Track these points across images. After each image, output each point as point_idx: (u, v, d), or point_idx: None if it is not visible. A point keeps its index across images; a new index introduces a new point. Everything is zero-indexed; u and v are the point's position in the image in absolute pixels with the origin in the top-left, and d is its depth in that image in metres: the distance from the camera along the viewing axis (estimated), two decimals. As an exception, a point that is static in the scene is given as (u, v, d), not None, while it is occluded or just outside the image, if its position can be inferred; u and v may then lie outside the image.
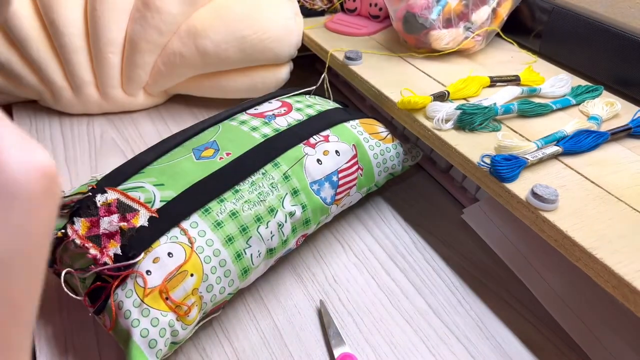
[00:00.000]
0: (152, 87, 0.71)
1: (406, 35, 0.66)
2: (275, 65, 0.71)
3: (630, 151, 0.49)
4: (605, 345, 0.43)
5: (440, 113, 0.51)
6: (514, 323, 0.47)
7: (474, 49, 0.67)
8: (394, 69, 0.63)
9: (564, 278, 0.47)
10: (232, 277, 0.41)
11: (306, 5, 0.82)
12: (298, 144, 0.48)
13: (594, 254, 0.37)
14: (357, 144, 0.52)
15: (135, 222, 0.39)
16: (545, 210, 0.40)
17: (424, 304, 0.48)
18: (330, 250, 0.53)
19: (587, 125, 0.51)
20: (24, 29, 0.62)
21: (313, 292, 0.48)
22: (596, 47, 0.62)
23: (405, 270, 0.51)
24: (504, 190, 0.43)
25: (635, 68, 0.59)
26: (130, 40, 0.65)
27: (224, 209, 0.42)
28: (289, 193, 0.46)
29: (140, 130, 0.70)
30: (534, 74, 0.62)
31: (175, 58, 0.67)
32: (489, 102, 0.53)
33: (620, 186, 0.44)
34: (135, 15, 0.64)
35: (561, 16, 0.66)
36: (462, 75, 0.60)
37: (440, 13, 0.62)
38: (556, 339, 0.45)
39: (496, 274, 0.52)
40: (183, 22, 0.66)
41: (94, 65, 0.67)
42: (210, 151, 0.46)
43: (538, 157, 0.45)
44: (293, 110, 0.53)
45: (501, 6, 0.65)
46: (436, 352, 0.44)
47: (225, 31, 0.65)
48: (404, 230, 0.57)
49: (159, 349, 0.36)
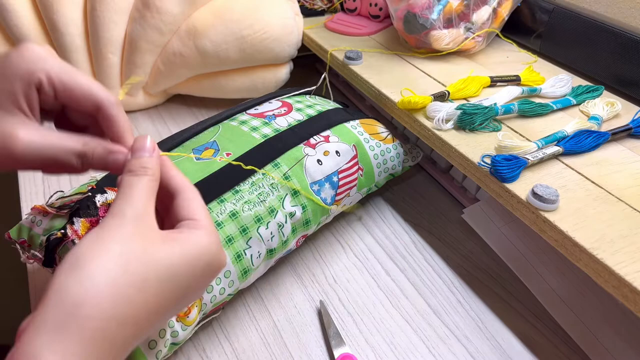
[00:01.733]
0: (152, 87, 0.71)
1: (406, 35, 0.66)
2: (275, 65, 0.71)
3: (630, 151, 0.49)
4: (605, 345, 0.43)
5: (441, 113, 0.51)
6: (514, 323, 0.47)
7: (475, 49, 0.66)
8: (394, 69, 0.63)
9: (564, 278, 0.47)
10: (232, 278, 0.41)
11: (306, 5, 0.82)
12: (298, 144, 0.48)
13: (594, 254, 0.37)
14: (357, 145, 0.52)
15: (135, 223, 0.39)
16: (545, 210, 0.40)
17: (424, 304, 0.48)
18: (330, 250, 0.53)
19: (588, 126, 0.51)
20: (24, 29, 0.62)
21: (313, 292, 0.48)
22: (597, 47, 0.62)
23: (405, 270, 0.51)
24: (505, 190, 0.43)
25: (635, 68, 0.59)
26: (130, 40, 0.65)
27: (223, 209, 0.42)
28: (289, 193, 0.45)
29: (140, 130, 0.70)
30: (535, 74, 0.62)
31: (175, 58, 0.67)
32: (489, 102, 0.53)
33: (621, 186, 0.44)
34: (135, 15, 0.64)
35: (562, 16, 0.66)
36: (463, 75, 0.60)
37: (441, 13, 0.62)
38: (556, 339, 0.45)
39: (496, 274, 0.52)
40: (183, 22, 0.66)
41: (94, 65, 0.67)
42: (210, 151, 0.46)
43: (538, 157, 0.45)
44: (293, 110, 0.53)
45: (502, 6, 0.65)
46: (436, 352, 0.44)
47: (225, 31, 0.65)
48: (404, 230, 0.56)
49: (159, 350, 0.36)
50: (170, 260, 0.26)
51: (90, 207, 0.40)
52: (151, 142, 0.30)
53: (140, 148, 0.30)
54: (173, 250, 0.26)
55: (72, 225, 0.39)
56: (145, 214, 0.27)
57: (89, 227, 0.39)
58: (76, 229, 0.39)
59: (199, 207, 0.29)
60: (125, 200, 0.27)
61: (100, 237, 0.25)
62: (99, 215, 0.39)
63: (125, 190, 0.27)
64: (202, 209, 0.29)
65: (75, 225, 0.39)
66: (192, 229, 0.28)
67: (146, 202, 0.27)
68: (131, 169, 0.29)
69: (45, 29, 0.64)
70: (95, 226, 0.38)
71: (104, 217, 0.27)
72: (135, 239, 0.25)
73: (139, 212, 0.26)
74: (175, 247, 0.26)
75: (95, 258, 0.24)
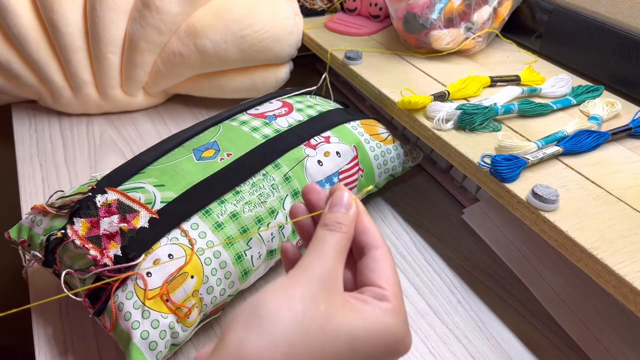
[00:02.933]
0: (152, 87, 0.71)
1: (406, 35, 0.66)
2: (275, 65, 0.71)
3: (630, 151, 0.49)
4: (605, 345, 0.43)
5: (441, 113, 0.51)
6: (514, 323, 0.47)
7: (475, 49, 0.66)
8: (394, 69, 0.63)
9: (564, 278, 0.47)
10: (233, 279, 0.41)
11: (306, 5, 0.82)
12: (299, 145, 0.48)
13: (594, 254, 0.37)
14: (357, 145, 0.52)
15: (135, 223, 0.39)
16: (545, 210, 0.40)
17: (424, 304, 0.48)
18: (330, 250, 0.53)
19: (588, 125, 0.51)
20: (23, 29, 0.62)
21: (313, 292, 0.48)
22: (597, 47, 0.62)
23: (405, 270, 0.51)
24: (505, 190, 0.43)
25: (635, 68, 0.59)
26: (129, 40, 0.65)
27: (224, 210, 0.42)
28: (289, 194, 0.45)
29: (140, 130, 0.70)
30: (535, 74, 0.62)
31: (175, 58, 0.66)
32: (490, 102, 0.53)
33: (621, 186, 0.44)
34: (135, 15, 0.64)
35: (562, 16, 0.66)
36: (463, 75, 0.60)
37: (442, 12, 0.62)
38: (556, 339, 0.45)
39: (496, 274, 0.52)
40: (182, 21, 0.66)
41: (94, 65, 0.67)
42: (210, 152, 0.46)
43: (538, 157, 0.45)
44: (294, 110, 0.53)
45: (502, 6, 0.65)
46: (436, 352, 0.44)
47: (224, 31, 0.65)
48: (404, 230, 0.56)
49: (159, 351, 0.36)
50: (352, 334, 0.24)
51: (90, 207, 0.40)
52: (349, 197, 0.29)
53: (337, 203, 0.29)
54: (356, 323, 0.24)
55: (72, 225, 0.39)
56: (334, 273, 0.26)
57: (90, 227, 0.39)
58: (76, 229, 0.39)
59: (388, 272, 0.27)
60: (317, 256, 0.26)
61: (286, 289, 0.24)
62: (99, 216, 0.39)
63: (317, 244, 0.27)
64: (392, 275, 0.27)
65: (75, 225, 0.39)
66: (378, 302, 0.26)
67: (336, 261, 0.26)
68: (326, 222, 0.28)
69: (45, 29, 0.64)
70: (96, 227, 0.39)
71: (293, 269, 0.25)
72: (319, 301, 0.24)
73: (328, 271, 0.25)
74: (357, 320, 0.24)
75: (278, 312, 0.23)
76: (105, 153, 0.65)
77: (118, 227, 0.39)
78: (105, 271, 0.37)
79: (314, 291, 0.24)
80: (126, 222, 0.39)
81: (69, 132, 0.69)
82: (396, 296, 0.27)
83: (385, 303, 0.26)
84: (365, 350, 0.24)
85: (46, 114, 0.72)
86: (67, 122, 0.71)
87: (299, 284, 0.24)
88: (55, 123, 0.70)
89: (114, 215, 0.39)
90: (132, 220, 0.39)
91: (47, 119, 0.71)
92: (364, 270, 0.28)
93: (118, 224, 0.39)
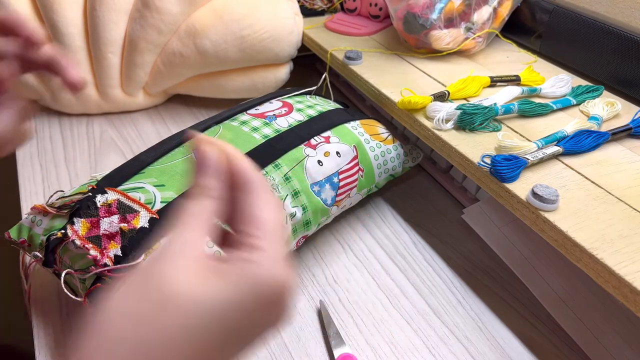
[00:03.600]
0: (152, 87, 0.71)
1: (406, 35, 0.66)
2: (275, 65, 0.71)
3: (630, 151, 0.49)
4: (605, 345, 0.43)
5: (441, 113, 0.51)
6: (514, 323, 0.47)
7: (475, 49, 0.67)
8: (394, 69, 0.63)
9: (564, 278, 0.47)
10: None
11: (306, 5, 0.82)
12: (299, 145, 0.48)
13: (594, 254, 0.37)
14: (357, 145, 0.52)
15: (135, 223, 0.39)
16: (545, 210, 0.40)
17: (424, 304, 0.48)
18: (330, 250, 0.53)
19: (588, 126, 0.51)
20: (24, 29, 0.62)
21: (313, 292, 0.48)
22: (597, 47, 0.62)
23: (405, 270, 0.51)
24: (504, 190, 0.43)
25: (635, 68, 0.59)
26: (129, 40, 0.65)
27: (224, 209, 0.41)
28: (289, 194, 0.45)
29: (140, 130, 0.70)
30: (534, 74, 0.62)
31: (175, 58, 0.67)
32: (489, 102, 0.53)
33: (621, 186, 0.44)
34: (135, 15, 0.64)
35: (562, 16, 0.66)
36: (463, 75, 0.60)
37: (442, 12, 0.62)
38: (556, 339, 0.45)
39: (496, 274, 0.52)
40: (182, 21, 0.66)
41: (94, 65, 0.67)
42: (210, 151, 0.46)
43: (538, 157, 0.45)
44: (294, 110, 0.53)
45: (502, 6, 0.65)
46: (436, 352, 0.44)
47: (224, 31, 0.65)
48: (404, 230, 0.57)
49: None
50: (213, 305, 0.21)
51: (90, 207, 0.40)
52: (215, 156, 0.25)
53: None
54: (218, 291, 0.21)
55: (72, 225, 0.39)
56: (191, 245, 0.22)
57: (90, 227, 0.39)
58: (76, 229, 0.39)
59: (261, 215, 0.24)
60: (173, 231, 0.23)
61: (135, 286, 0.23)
62: (99, 216, 0.39)
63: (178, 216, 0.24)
64: (264, 216, 0.24)
65: (75, 225, 0.39)
66: (249, 255, 0.23)
67: (192, 229, 0.23)
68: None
69: (45, 29, 0.64)
70: (96, 227, 0.39)
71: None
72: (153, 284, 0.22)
73: (182, 244, 0.22)
74: (220, 287, 0.22)
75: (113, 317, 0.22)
76: (105, 153, 0.65)
77: (118, 227, 0.39)
78: (105, 271, 0.37)
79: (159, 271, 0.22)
80: (126, 222, 0.39)
81: (69, 132, 0.69)
82: (271, 240, 0.23)
83: (256, 254, 0.23)
84: (237, 316, 0.22)
85: (46, 114, 0.72)
86: (67, 122, 0.71)
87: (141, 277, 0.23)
88: (55, 123, 0.70)
89: (114, 215, 0.39)
90: (132, 220, 0.39)
91: (47, 119, 0.71)
92: (237, 216, 0.25)
93: (118, 224, 0.39)
